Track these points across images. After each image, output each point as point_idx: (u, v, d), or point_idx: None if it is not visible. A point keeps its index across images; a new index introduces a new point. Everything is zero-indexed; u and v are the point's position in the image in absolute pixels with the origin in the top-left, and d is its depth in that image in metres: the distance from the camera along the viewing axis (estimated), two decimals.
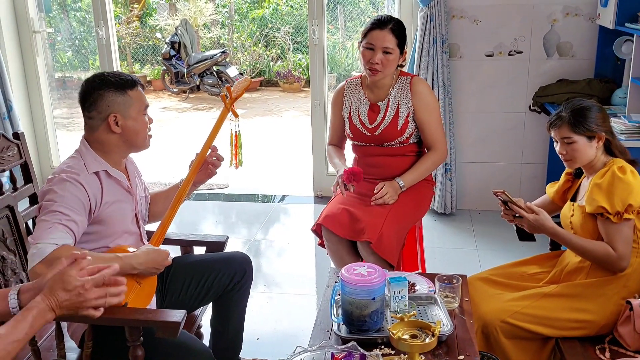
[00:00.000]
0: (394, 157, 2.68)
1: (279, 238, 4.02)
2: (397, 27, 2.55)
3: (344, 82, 2.81)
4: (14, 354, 1.34)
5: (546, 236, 2.34)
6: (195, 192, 2.27)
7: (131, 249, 1.90)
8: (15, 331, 1.34)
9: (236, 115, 2.20)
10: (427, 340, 1.56)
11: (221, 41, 10.59)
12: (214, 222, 4.39)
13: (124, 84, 1.93)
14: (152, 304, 2.03)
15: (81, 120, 1.98)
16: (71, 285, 1.40)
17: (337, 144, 2.86)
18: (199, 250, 2.37)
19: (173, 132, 7.28)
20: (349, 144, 2.85)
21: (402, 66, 2.69)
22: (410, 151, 2.70)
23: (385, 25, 2.53)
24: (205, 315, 2.36)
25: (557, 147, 2.09)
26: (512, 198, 2.09)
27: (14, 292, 1.49)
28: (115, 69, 4.62)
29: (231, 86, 2.20)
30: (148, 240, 2.03)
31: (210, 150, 2.14)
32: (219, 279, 2.17)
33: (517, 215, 2.09)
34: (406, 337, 1.58)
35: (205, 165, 2.14)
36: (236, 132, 2.26)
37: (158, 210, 2.23)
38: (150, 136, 2.04)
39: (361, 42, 2.59)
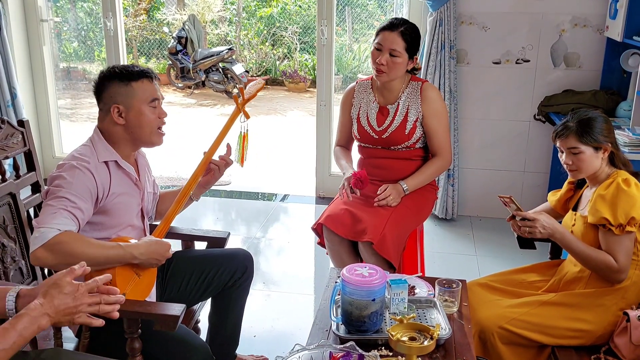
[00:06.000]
0: (400, 161, 2.68)
1: (278, 237, 4.02)
2: (407, 31, 2.53)
3: (354, 83, 2.81)
4: None
5: (546, 245, 2.36)
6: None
7: (133, 241, 1.90)
8: (2, 340, 1.29)
9: (247, 117, 2.21)
10: (426, 343, 1.56)
11: (228, 38, 10.60)
12: (214, 219, 4.39)
13: (129, 75, 1.93)
14: (152, 297, 2.03)
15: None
16: (66, 288, 1.38)
17: (345, 145, 2.87)
18: (200, 245, 2.38)
19: (176, 128, 7.27)
20: (355, 144, 2.85)
21: (415, 71, 2.69)
22: (416, 156, 2.71)
23: (396, 28, 2.53)
24: (203, 311, 2.36)
25: (563, 157, 2.09)
26: (518, 204, 2.09)
27: (12, 293, 1.47)
28: (122, 61, 4.62)
29: (244, 87, 2.21)
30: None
31: (223, 151, 2.15)
32: (220, 275, 2.17)
33: (521, 219, 2.08)
34: (405, 339, 1.58)
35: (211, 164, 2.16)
36: (244, 132, 2.27)
37: (165, 209, 2.22)
38: (160, 131, 2.01)
39: (374, 41, 2.60)
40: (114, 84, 1.93)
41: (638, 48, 3.32)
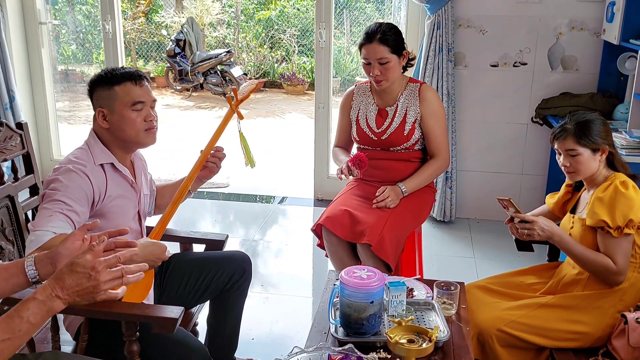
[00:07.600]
0: (399, 162, 2.69)
1: (277, 239, 4.01)
2: (385, 36, 2.54)
3: (354, 86, 2.83)
4: (7, 353, 1.24)
5: (544, 247, 2.36)
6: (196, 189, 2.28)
7: None
8: (7, 327, 1.23)
9: (241, 117, 2.22)
10: (424, 345, 1.56)
11: (226, 41, 10.61)
12: (212, 221, 4.39)
13: (112, 79, 1.94)
14: (150, 299, 2.03)
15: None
16: (80, 266, 1.32)
17: (344, 146, 2.88)
18: (198, 248, 2.38)
19: (174, 130, 7.26)
20: (354, 147, 2.86)
21: (410, 62, 2.67)
22: (415, 157, 2.72)
23: (373, 38, 2.54)
24: (202, 313, 2.36)
25: (561, 159, 2.10)
26: (517, 206, 2.09)
27: (30, 261, 1.44)
28: (120, 64, 4.62)
29: (237, 88, 2.22)
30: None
31: (214, 150, 2.15)
32: (218, 277, 2.17)
33: (520, 221, 2.08)
34: (403, 341, 1.58)
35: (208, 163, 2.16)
36: (239, 130, 2.27)
37: (164, 203, 2.22)
38: (150, 131, 1.98)
39: (361, 56, 2.62)
40: (99, 87, 1.95)
41: (635, 51, 3.32)
